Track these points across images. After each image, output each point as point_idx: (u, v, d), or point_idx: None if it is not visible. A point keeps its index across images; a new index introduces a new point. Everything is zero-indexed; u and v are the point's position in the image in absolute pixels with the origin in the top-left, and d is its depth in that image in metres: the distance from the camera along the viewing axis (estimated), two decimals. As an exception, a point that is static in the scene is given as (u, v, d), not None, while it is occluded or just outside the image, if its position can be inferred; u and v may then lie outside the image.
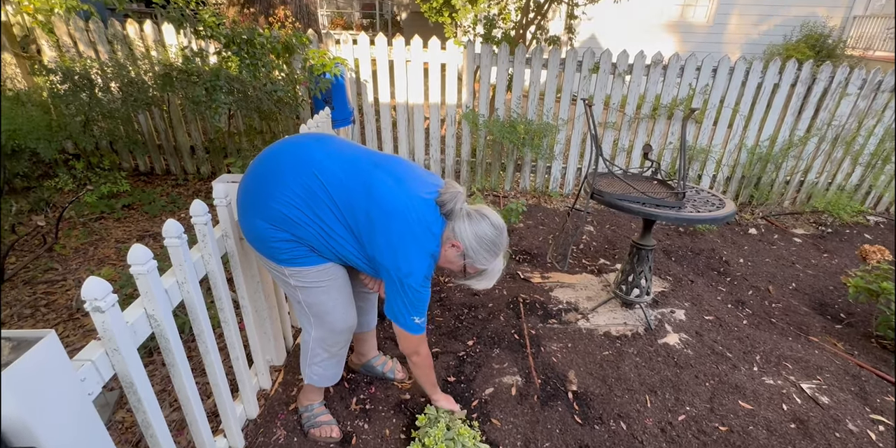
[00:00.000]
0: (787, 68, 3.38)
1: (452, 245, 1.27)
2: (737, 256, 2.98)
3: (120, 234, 2.88)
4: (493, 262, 1.32)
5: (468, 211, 1.29)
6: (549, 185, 3.86)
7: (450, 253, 1.29)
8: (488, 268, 1.33)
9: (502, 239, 1.31)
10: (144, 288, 1.03)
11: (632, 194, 1.90)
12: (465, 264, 1.31)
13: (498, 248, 1.30)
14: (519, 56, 3.42)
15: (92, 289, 0.85)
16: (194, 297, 1.19)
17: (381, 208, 1.19)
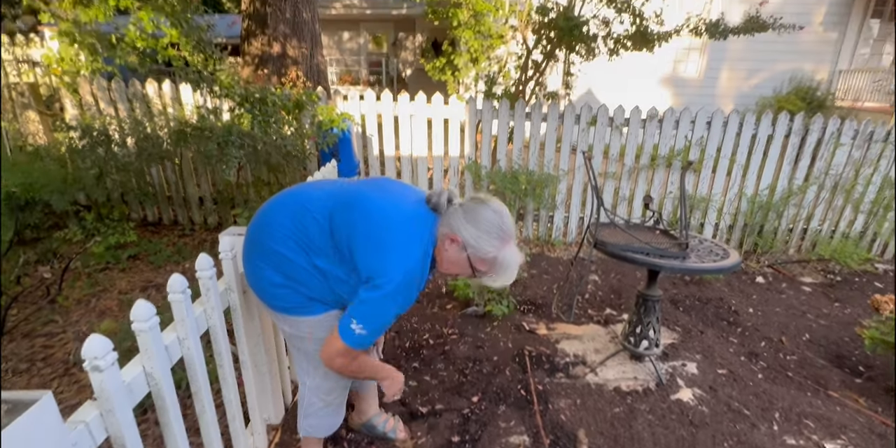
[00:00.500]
0: (779, 120, 3.50)
1: (451, 240, 1.15)
2: (746, 306, 2.93)
3: (124, 285, 2.88)
4: (500, 247, 1.14)
5: (462, 202, 1.20)
6: (552, 233, 3.88)
7: (450, 250, 1.16)
8: (497, 256, 1.14)
9: (506, 222, 1.15)
10: (145, 345, 1.01)
11: (635, 245, 1.90)
12: (469, 257, 1.15)
13: (502, 231, 1.14)
14: (519, 111, 3.57)
15: (93, 347, 0.84)
16: (194, 353, 1.18)
17: (363, 211, 1.15)
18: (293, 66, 5.97)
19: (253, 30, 5.84)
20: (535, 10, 3.78)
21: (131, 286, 2.88)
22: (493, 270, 1.17)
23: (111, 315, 2.53)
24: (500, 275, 1.18)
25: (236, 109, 2.83)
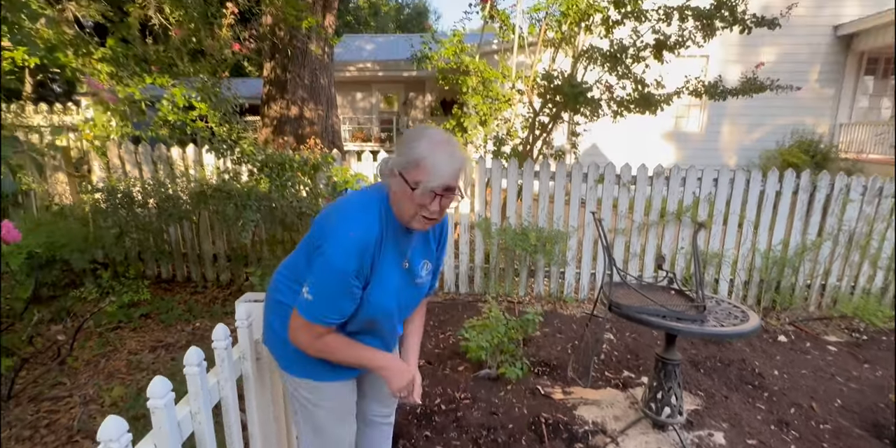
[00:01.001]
0: (786, 177, 3.55)
1: (391, 178, 1.11)
2: (770, 367, 2.81)
3: (134, 345, 2.86)
4: (427, 149, 1.05)
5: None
6: (564, 290, 3.84)
7: (392, 185, 1.11)
8: (426, 156, 1.04)
9: (429, 131, 1.10)
10: (158, 423, 1.00)
11: (650, 307, 1.88)
12: (404, 177, 1.06)
13: (417, 134, 1.09)
14: (527, 169, 3.68)
15: (109, 430, 0.83)
16: (205, 429, 1.15)
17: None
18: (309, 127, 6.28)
19: (273, 94, 6.23)
20: (541, 77, 4.01)
21: (141, 346, 2.87)
22: (426, 174, 1.04)
23: (119, 377, 2.49)
24: (436, 174, 1.04)
25: (256, 174, 2.96)
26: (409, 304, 1.32)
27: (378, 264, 1.14)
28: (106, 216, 3.31)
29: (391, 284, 1.19)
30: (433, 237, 1.31)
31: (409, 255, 1.23)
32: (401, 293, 1.23)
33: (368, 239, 1.09)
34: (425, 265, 1.29)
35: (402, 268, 1.21)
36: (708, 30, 3.83)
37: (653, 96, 3.94)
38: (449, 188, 1.08)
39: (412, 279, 1.26)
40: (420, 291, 1.32)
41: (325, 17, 6.22)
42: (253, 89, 8.51)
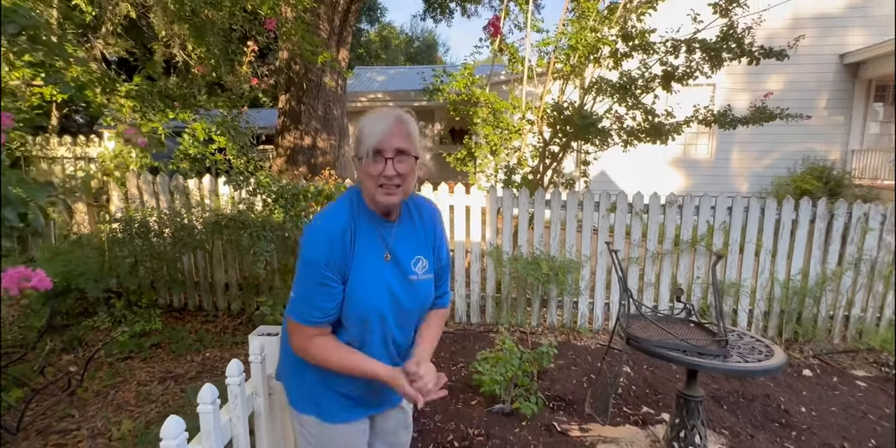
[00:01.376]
0: (802, 205, 3.51)
1: (355, 165, 1.15)
2: (796, 404, 2.69)
3: (143, 375, 2.84)
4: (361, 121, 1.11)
5: None
6: (578, 320, 3.77)
7: (358, 173, 1.14)
8: (357, 132, 1.11)
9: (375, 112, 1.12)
10: (169, 465, 0.98)
11: (670, 341, 1.83)
12: (358, 155, 1.11)
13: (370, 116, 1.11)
14: (539, 198, 3.68)
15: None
16: (216, 470, 1.12)
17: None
18: (322, 157, 6.41)
19: (287, 125, 6.40)
20: (551, 107, 4.07)
21: (150, 377, 2.84)
22: (363, 140, 1.08)
23: (127, 410, 2.46)
24: (370, 135, 1.07)
25: (271, 204, 3.00)
26: (410, 306, 1.19)
27: (354, 255, 1.11)
28: (122, 245, 3.35)
29: (372, 277, 1.13)
30: (422, 229, 1.23)
31: (391, 247, 1.16)
32: (392, 289, 1.15)
33: (334, 227, 1.09)
34: (419, 261, 1.20)
35: (383, 260, 1.15)
36: (715, 61, 3.89)
37: (663, 126, 3.97)
38: (396, 150, 1.06)
39: (403, 275, 1.17)
40: (420, 291, 1.21)
41: (339, 51, 6.45)
42: (267, 119, 8.74)
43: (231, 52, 3.81)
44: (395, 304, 1.16)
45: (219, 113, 3.16)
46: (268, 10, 3.80)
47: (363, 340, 1.17)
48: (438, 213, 1.30)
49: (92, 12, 4.19)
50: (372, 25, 24.89)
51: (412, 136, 1.09)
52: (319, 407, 1.20)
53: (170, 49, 4.02)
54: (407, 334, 1.25)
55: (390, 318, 1.17)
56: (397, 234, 1.18)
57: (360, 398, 1.23)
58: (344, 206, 1.14)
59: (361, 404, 1.24)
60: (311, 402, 1.21)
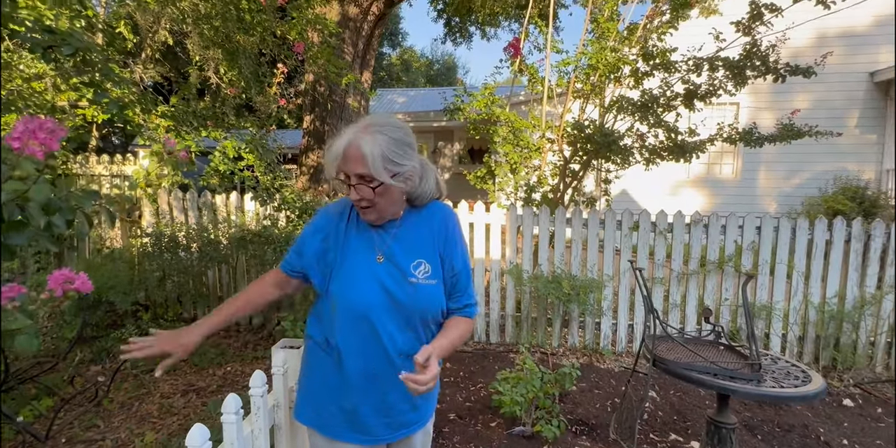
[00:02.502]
0: (835, 225, 3.40)
1: None
2: (838, 436, 2.54)
3: (167, 388, 2.87)
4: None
5: None
6: (600, 342, 3.68)
7: None
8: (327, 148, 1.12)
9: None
10: (191, 475, 0.98)
11: (699, 364, 1.77)
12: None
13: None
14: (559, 217, 3.66)
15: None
16: (236, 483, 1.12)
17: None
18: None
19: (311, 145, 6.56)
20: (571, 126, 4.09)
21: (173, 390, 2.87)
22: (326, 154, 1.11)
23: (150, 422, 2.48)
24: (327, 162, 1.10)
25: (295, 220, 3.06)
26: (410, 307, 1.12)
27: (346, 250, 1.15)
28: (151, 259, 3.46)
29: (362, 273, 1.12)
30: (428, 235, 1.18)
31: (388, 248, 1.14)
32: (386, 286, 1.11)
33: (333, 208, 1.22)
34: (420, 265, 1.14)
35: (375, 260, 1.13)
36: (739, 79, 3.87)
37: (687, 144, 3.93)
38: (355, 176, 1.05)
39: (401, 276, 1.13)
40: (422, 295, 1.13)
41: (362, 73, 6.65)
42: (292, 140, 9.01)
43: (261, 74, 3.97)
44: (390, 301, 1.11)
45: (248, 132, 3.28)
46: (296, 35, 3.97)
47: (359, 348, 1.11)
48: (453, 218, 1.23)
49: (133, 39, 4.44)
50: (393, 49, 25.65)
51: (368, 158, 1.03)
52: (322, 419, 1.17)
53: (204, 72, 4.22)
54: (411, 341, 1.15)
55: (385, 318, 1.11)
56: (396, 236, 1.16)
57: (360, 417, 1.14)
58: (340, 206, 1.23)
59: (363, 428, 1.15)
60: (313, 411, 1.18)
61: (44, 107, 2.53)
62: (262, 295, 1.26)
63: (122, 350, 1.11)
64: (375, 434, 1.17)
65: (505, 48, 4.76)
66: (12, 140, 0.57)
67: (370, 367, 1.12)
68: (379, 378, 1.13)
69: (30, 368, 2.55)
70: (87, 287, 0.67)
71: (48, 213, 0.60)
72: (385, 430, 1.17)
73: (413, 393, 0.95)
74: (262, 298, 1.26)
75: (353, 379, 1.13)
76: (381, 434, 1.17)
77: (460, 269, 1.20)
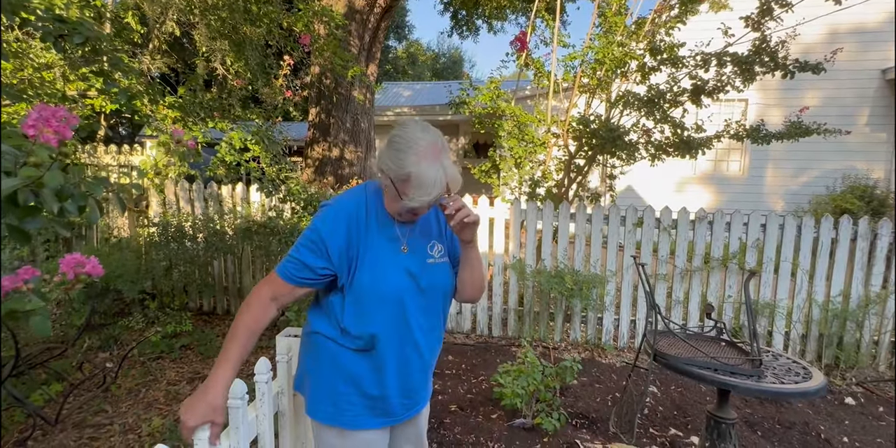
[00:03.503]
0: (842, 224, 3.38)
1: (381, 177, 1.12)
2: (839, 434, 2.55)
3: (173, 375, 2.92)
4: (416, 162, 1.04)
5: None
6: (602, 337, 3.69)
7: (383, 185, 1.13)
8: (412, 171, 1.04)
9: (416, 134, 1.07)
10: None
11: (700, 359, 1.78)
12: (394, 183, 1.07)
13: (406, 144, 1.06)
14: (563, 211, 3.66)
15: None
16: (241, 465, 1.15)
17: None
18: (349, 168, 6.55)
19: (317, 137, 6.57)
20: (577, 121, 4.08)
21: (179, 377, 2.92)
22: (414, 190, 1.05)
23: (157, 408, 2.53)
24: (418, 190, 1.04)
25: (300, 211, 3.08)
26: (430, 288, 1.19)
27: (368, 243, 1.14)
28: (158, 249, 3.49)
29: (389, 262, 1.15)
30: (435, 218, 1.25)
31: (409, 238, 1.19)
32: (411, 271, 1.16)
33: (342, 213, 1.15)
34: (435, 245, 1.22)
35: (400, 251, 1.17)
36: (747, 74, 3.83)
37: (693, 140, 3.91)
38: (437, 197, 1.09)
39: (421, 259, 1.19)
40: (438, 273, 1.21)
41: (368, 66, 6.63)
42: (297, 132, 9.03)
43: (267, 66, 3.98)
44: (416, 288, 1.17)
45: (254, 124, 3.30)
46: (302, 27, 3.96)
47: (395, 334, 1.15)
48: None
49: (141, 30, 4.46)
50: (400, 42, 25.53)
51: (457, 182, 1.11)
52: (340, 411, 1.17)
53: (211, 63, 4.23)
54: (431, 323, 1.22)
55: (411, 303, 1.16)
56: (414, 226, 1.21)
57: (387, 401, 1.19)
58: (356, 195, 1.19)
59: (387, 411, 1.20)
60: (330, 405, 1.18)
61: (54, 96, 2.55)
62: (263, 320, 1.14)
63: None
64: (397, 414, 1.23)
65: (511, 42, 4.73)
66: (28, 127, 0.58)
67: (404, 351, 1.18)
68: (406, 357, 1.19)
69: (39, 354, 2.60)
70: (97, 271, 0.69)
71: (61, 199, 0.62)
72: (403, 410, 1.24)
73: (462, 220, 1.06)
74: (263, 324, 1.14)
75: (390, 364, 1.17)
76: (401, 413, 1.24)
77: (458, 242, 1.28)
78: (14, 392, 2.15)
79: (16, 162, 0.57)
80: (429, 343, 1.23)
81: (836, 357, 3.42)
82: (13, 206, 0.57)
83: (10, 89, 1.75)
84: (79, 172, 0.71)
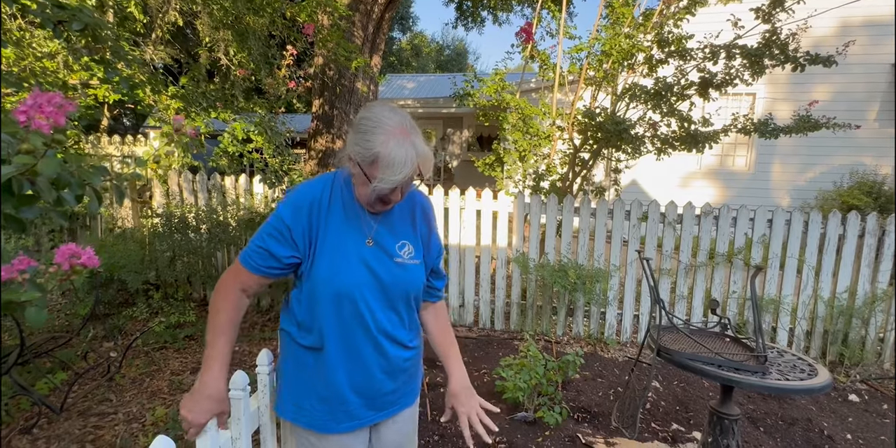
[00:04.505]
0: (849, 220, 3.34)
1: (349, 163, 1.07)
2: (842, 431, 2.54)
3: (176, 365, 2.94)
4: (373, 141, 1.00)
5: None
6: (605, 331, 3.68)
7: (351, 168, 1.07)
8: (380, 151, 0.99)
9: (381, 113, 1.03)
10: (202, 445, 1.01)
11: (703, 354, 1.76)
12: (361, 167, 1.02)
13: (373, 124, 1.01)
14: (567, 205, 3.64)
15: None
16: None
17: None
18: (352, 161, 6.53)
19: (320, 129, 6.54)
20: (582, 114, 4.03)
21: (183, 367, 2.93)
22: (382, 171, 1.00)
23: (161, 397, 2.54)
24: (386, 170, 0.99)
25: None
26: (394, 287, 1.13)
27: (327, 232, 1.09)
28: (162, 239, 3.50)
29: (348, 254, 1.09)
30: (409, 218, 1.20)
31: (375, 230, 1.14)
32: (371, 267, 1.10)
33: (303, 197, 1.10)
34: (405, 246, 1.16)
35: (364, 243, 1.12)
36: (757, 67, 3.77)
37: (700, 134, 3.86)
38: (409, 178, 1.04)
39: (387, 256, 1.13)
40: (407, 274, 1.15)
41: (372, 57, 6.57)
42: (299, 124, 9.00)
43: (270, 56, 3.94)
44: (375, 282, 1.10)
45: (257, 114, 3.27)
46: (306, 17, 3.92)
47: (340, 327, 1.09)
48: (431, 207, 1.26)
49: (143, 20, 4.42)
50: (404, 34, 25.34)
51: (430, 161, 1.06)
52: (302, 411, 1.13)
53: (214, 53, 4.20)
54: (394, 321, 1.16)
55: (369, 298, 1.10)
56: (384, 217, 1.16)
57: (345, 403, 1.12)
58: (319, 184, 1.13)
59: (349, 414, 1.13)
60: (292, 404, 1.14)
61: (55, 85, 2.54)
62: (241, 311, 1.13)
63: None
64: (360, 417, 1.15)
65: (517, 33, 4.67)
66: (19, 113, 0.57)
67: (353, 345, 1.11)
68: (362, 356, 1.12)
69: (44, 343, 2.61)
70: (93, 262, 0.68)
71: (58, 187, 0.61)
72: (369, 412, 1.16)
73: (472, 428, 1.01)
74: (241, 314, 1.14)
75: (334, 359, 1.10)
76: (365, 416, 1.16)
77: (439, 250, 1.27)
78: (20, 380, 2.16)
79: (9, 150, 0.56)
80: (396, 343, 1.17)
81: (840, 354, 3.40)
82: (9, 195, 0.56)
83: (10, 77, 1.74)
84: (77, 161, 0.70)
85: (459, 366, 1.24)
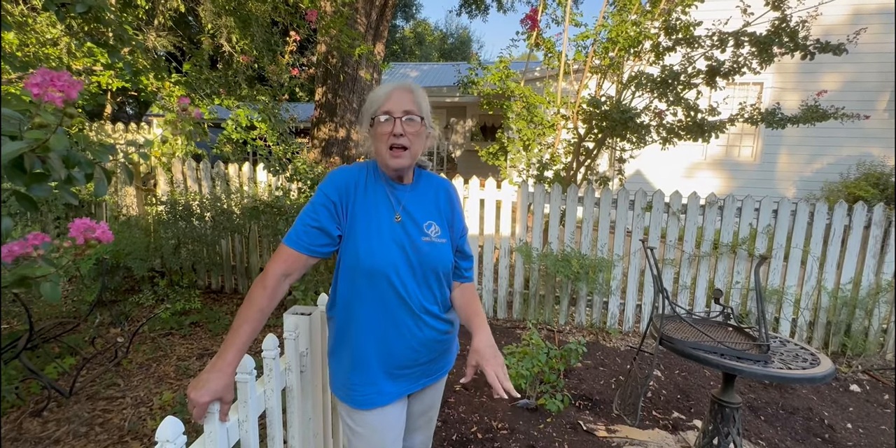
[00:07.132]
0: (855, 211, 3.32)
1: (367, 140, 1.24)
2: (842, 420, 2.56)
3: (182, 351, 2.97)
4: (373, 97, 1.18)
5: None
6: (607, 321, 3.70)
7: (373, 148, 1.21)
8: (379, 95, 1.17)
9: (379, 88, 1.19)
10: (209, 428, 1.03)
11: (706, 343, 1.77)
12: (372, 124, 1.18)
13: (374, 92, 1.19)
14: (571, 195, 3.62)
15: (166, 431, 0.86)
16: (251, 438, 1.16)
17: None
18: (355, 148, 6.50)
19: (323, 117, 6.51)
20: (588, 102, 4.00)
21: (189, 353, 2.97)
22: (372, 105, 1.17)
23: (168, 382, 2.58)
24: (378, 99, 1.15)
25: (307, 191, 3.07)
26: (426, 264, 1.19)
27: (359, 210, 1.17)
28: (166, 227, 3.51)
29: (382, 231, 1.16)
30: (433, 199, 1.27)
31: (404, 208, 1.21)
32: (403, 244, 1.16)
33: (343, 174, 1.20)
34: (431, 225, 1.23)
35: (394, 220, 1.18)
36: (765, 55, 3.72)
37: (706, 123, 3.83)
38: (403, 111, 1.13)
39: (417, 233, 1.19)
40: (435, 252, 1.21)
41: (375, 45, 6.51)
42: (302, 113, 8.96)
43: (273, 43, 3.91)
44: (406, 259, 1.17)
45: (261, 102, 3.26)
46: (308, 3, 3.88)
47: (376, 301, 1.15)
48: (455, 190, 1.33)
49: (145, 6, 4.38)
50: (407, 22, 25.05)
51: (417, 101, 1.15)
52: (345, 388, 1.22)
53: (216, 40, 4.17)
54: (428, 297, 1.22)
55: (405, 275, 1.16)
56: (410, 198, 1.23)
57: (409, 366, 1.22)
58: (356, 167, 1.24)
59: (408, 376, 1.23)
60: (340, 381, 1.24)
61: (59, 70, 2.53)
62: (276, 300, 1.14)
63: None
64: (400, 389, 1.23)
65: (522, 20, 4.61)
66: (32, 86, 0.57)
67: (391, 320, 1.18)
68: (401, 330, 1.19)
69: (53, 328, 2.64)
70: (107, 236, 0.68)
71: (68, 165, 0.61)
72: (408, 383, 1.25)
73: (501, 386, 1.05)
74: (275, 304, 1.15)
75: (371, 334, 1.18)
76: (404, 388, 1.25)
77: (464, 232, 1.33)
78: (29, 364, 2.19)
79: (20, 126, 0.56)
80: (433, 316, 1.23)
81: (842, 344, 3.41)
82: (20, 172, 0.56)
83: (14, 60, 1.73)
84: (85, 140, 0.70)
85: (485, 327, 1.21)
